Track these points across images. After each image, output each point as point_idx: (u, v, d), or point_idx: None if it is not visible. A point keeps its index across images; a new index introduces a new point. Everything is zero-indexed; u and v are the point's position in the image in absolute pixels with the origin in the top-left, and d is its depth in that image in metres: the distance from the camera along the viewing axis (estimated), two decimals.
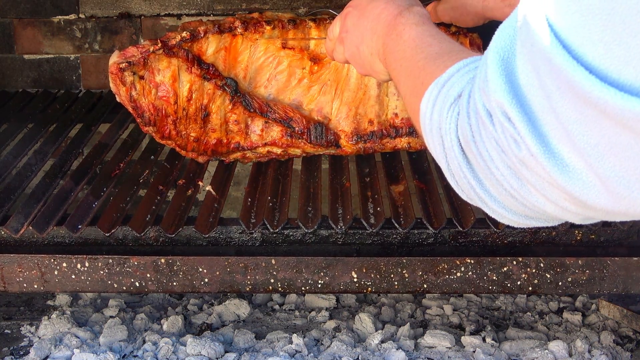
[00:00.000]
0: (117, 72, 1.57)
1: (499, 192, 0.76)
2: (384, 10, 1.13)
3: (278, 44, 1.67)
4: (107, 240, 1.50)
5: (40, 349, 1.60)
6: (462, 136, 0.78)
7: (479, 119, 0.74)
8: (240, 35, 1.65)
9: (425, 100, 0.84)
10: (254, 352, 1.62)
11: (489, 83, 0.72)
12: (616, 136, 0.64)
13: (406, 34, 1.04)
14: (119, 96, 1.60)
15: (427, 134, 0.85)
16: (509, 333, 1.72)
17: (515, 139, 0.70)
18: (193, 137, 1.65)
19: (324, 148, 1.70)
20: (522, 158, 0.70)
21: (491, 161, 0.74)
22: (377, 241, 1.50)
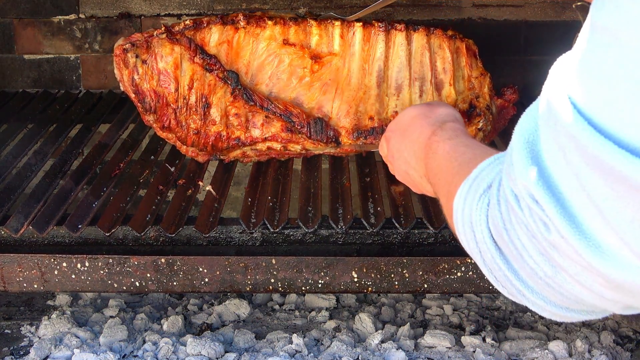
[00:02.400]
0: (121, 53, 1.62)
1: (535, 281, 0.74)
2: (421, 134, 1.14)
3: (280, 41, 1.69)
4: (107, 240, 1.50)
5: (40, 349, 1.60)
6: (492, 226, 0.77)
7: (508, 205, 0.73)
8: (243, 29, 1.68)
9: (457, 197, 0.84)
10: (254, 352, 1.62)
11: (514, 166, 0.71)
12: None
13: (440, 149, 1.05)
14: (121, 82, 1.65)
15: (460, 231, 0.83)
16: (509, 333, 1.72)
17: (545, 221, 0.69)
18: (193, 129, 1.66)
19: (324, 144, 1.68)
20: (552, 241, 0.69)
21: (523, 248, 0.72)
22: (378, 241, 1.50)
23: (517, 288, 0.77)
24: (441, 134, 1.09)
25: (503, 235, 0.74)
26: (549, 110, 0.68)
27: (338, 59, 1.71)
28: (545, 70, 0.75)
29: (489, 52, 2.25)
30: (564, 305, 0.75)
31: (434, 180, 1.04)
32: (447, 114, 1.17)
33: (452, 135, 1.07)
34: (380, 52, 1.71)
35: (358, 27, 1.72)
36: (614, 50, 0.63)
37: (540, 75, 0.76)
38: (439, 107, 1.21)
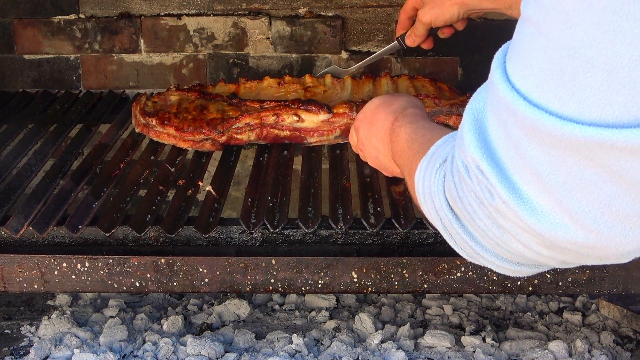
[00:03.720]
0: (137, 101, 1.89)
1: (487, 241, 0.83)
2: (385, 121, 1.25)
3: (275, 85, 1.93)
4: (107, 240, 1.50)
5: (40, 349, 1.60)
6: (449, 195, 0.85)
7: (460, 176, 0.82)
8: (243, 85, 1.94)
9: (417, 172, 0.94)
10: (254, 352, 1.62)
11: (464, 141, 0.80)
12: (581, 172, 0.71)
13: (403, 132, 1.15)
14: (133, 118, 1.87)
15: (422, 202, 0.93)
16: (509, 333, 1.72)
17: (489, 189, 0.77)
18: (190, 118, 1.76)
19: (316, 112, 1.74)
20: (496, 207, 0.77)
21: (474, 213, 0.81)
22: (377, 241, 1.50)
23: (473, 249, 0.86)
24: (402, 119, 1.19)
25: (457, 202, 0.83)
26: (493, 91, 0.77)
27: (330, 91, 1.89)
28: None
29: (489, 52, 2.25)
30: (513, 261, 0.84)
31: (400, 161, 1.13)
32: (407, 101, 1.28)
33: (413, 120, 1.17)
34: (368, 88, 1.93)
35: (347, 77, 1.95)
36: (538, 38, 0.72)
37: None
38: (400, 96, 1.32)
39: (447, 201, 0.86)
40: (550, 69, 0.71)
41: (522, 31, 0.75)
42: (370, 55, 2.02)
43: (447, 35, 1.76)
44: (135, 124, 1.86)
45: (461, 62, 2.26)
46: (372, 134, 1.31)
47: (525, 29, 0.75)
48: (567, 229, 0.74)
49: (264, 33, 2.23)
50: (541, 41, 0.72)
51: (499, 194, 0.76)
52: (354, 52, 2.25)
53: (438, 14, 1.68)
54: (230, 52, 2.26)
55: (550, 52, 0.71)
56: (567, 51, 0.69)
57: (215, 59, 2.26)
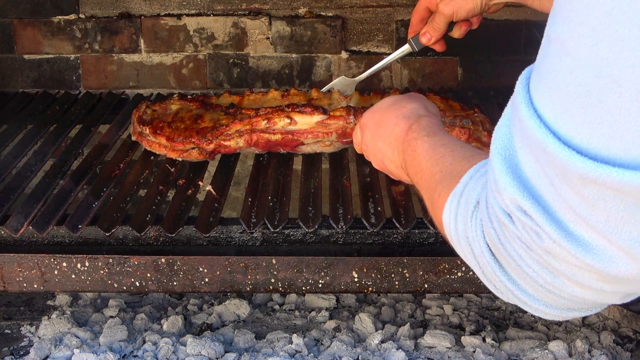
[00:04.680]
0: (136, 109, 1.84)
1: (536, 289, 0.77)
2: (395, 126, 1.17)
3: (279, 97, 1.85)
4: (107, 240, 1.49)
5: (40, 349, 1.60)
6: (489, 241, 0.80)
7: (499, 222, 0.76)
8: (247, 97, 1.87)
9: (446, 212, 0.87)
10: (254, 352, 1.62)
11: (499, 183, 0.75)
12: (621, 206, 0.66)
13: (419, 147, 1.07)
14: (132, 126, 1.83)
15: (455, 244, 0.87)
16: (509, 333, 1.72)
17: (536, 230, 0.72)
18: (182, 127, 1.72)
19: (310, 115, 1.68)
20: (546, 248, 0.72)
21: (521, 259, 0.75)
22: (378, 241, 1.50)
23: (518, 297, 0.80)
24: (418, 130, 1.11)
25: (500, 249, 0.78)
26: (520, 125, 0.72)
27: (334, 105, 1.80)
28: None
29: (489, 52, 2.25)
30: (564, 307, 0.78)
31: (415, 178, 1.07)
32: (421, 106, 1.20)
33: (430, 132, 1.09)
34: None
35: (355, 93, 1.86)
36: (564, 59, 0.67)
37: None
38: (414, 99, 1.23)
39: (488, 247, 0.80)
40: (577, 92, 0.66)
41: (548, 53, 0.70)
42: (372, 54, 2.00)
43: (463, 33, 1.68)
44: (132, 131, 1.82)
45: (461, 62, 2.26)
46: (379, 136, 1.24)
47: (551, 50, 0.70)
48: (625, 263, 0.69)
49: (264, 33, 2.24)
50: (567, 62, 0.67)
51: (547, 234, 0.71)
52: (354, 52, 2.25)
53: (461, 4, 1.60)
54: (230, 52, 2.26)
55: (577, 72, 0.66)
56: (593, 71, 0.65)
57: (215, 59, 2.26)
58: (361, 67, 2.25)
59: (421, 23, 1.71)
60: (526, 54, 2.23)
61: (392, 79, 2.26)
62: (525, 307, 0.81)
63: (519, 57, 2.24)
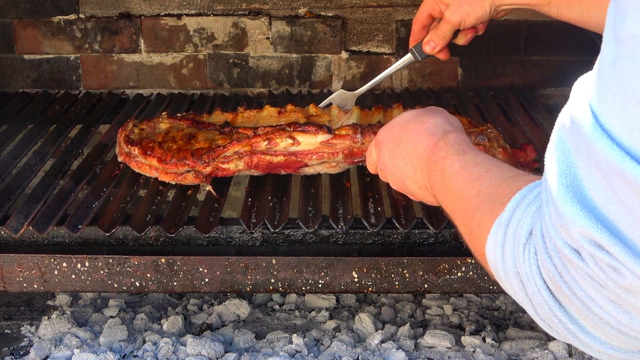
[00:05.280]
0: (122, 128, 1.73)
1: (605, 331, 0.69)
2: (418, 143, 1.06)
3: (276, 115, 1.76)
4: (107, 240, 1.49)
5: (40, 349, 1.60)
6: (548, 278, 0.71)
7: (563, 258, 0.68)
8: (241, 114, 1.78)
9: (490, 244, 0.78)
10: (254, 352, 1.62)
11: (565, 216, 0.66)
12: None
13: (449, 167, 0.97)
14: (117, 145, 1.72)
15: (503, 280, 0.78)
16: (509, 333, 1.72)
17: (614, 267, 0.64)
18: (175, 148, 1.62)
19: (314, 133, 1.59)
20: (628, 286, 0.64)
21: (590, 300, 0.67)
22: (378, 241, 1.50)
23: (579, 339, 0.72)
24: (446, 148, 1.00)
25: (562, 288, 0.69)
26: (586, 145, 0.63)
27: (334, 122, 1.72)
28: (545, 70, 0.72)
29: (489, 52, 2.25)
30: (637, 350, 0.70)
31: (445, 202, 0.97)
32: (446, 121, 1.09)
33: (459, 151, 0.98)
34: (377, 121, 1.74)
35: (355, 108, 1.76)
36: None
37: (541, 75, 0.73)
38: (436, 113, 1.13)
39: (545, 285, 0.71)
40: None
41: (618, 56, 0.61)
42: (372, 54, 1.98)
43: (468, 40, 1.59)
44: (118, 152, 1.70)
45: (461, 62, 2.26)
46: (398, 154, 1.12)
47: (623, 52, 0.60)
48: None
49: (264, 33, 2.24)
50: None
51: (631, 270, 0.62)
52: (354, 52, 2.25)
53: (470, 12, 1.49)
54: (230, 52, 2.26)
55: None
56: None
57: (215, 59, 2.26)
58: (361, 67, 2.25)
59: (423, 31, 1.61)
60: (526, 54, 2.23)
61: (392, 79, 2.26)
62: (587, 349, 0.73)
63: (519, 57, 2.24)
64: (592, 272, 0.65)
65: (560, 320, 0.71)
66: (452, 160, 0.97)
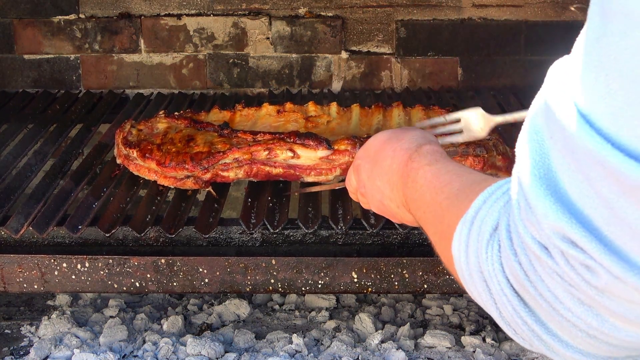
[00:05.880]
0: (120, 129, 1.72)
1: (572, 334, 0.63)
2: (394, 160, 1.03)
3: (274, 114, 1.75)
4: (107, 240, 1.50)
5: (40, 349, 1.60)
6: (512, 276, 0.66)
7: (530, 255, 0.63)
8: (239, 112, 1.77)
9: (456, 243, 0.73)
10: (254, 352, 1.62)
11: (536, 210, 0.61)
12: None
13: (420, 178, 0.93)
14: (116, 147, 1.71)
15: (467, 281, 0.73)
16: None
17: (589, 265, 0.58)
18: (174, 151, 1.61)
19: (314, 148, 1.58)
20: (603, 287, 0.59)
21: (557, 302, 0.62)
22: (378, 241, 1.50)
23: (545, 342, 0.67)
24: (419, 159, 0.97)
25: (527, 287, 0.64)
26: (563, 134, 0.58)
27: (334, 122, 1.71)
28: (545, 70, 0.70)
29: (488, 52, 2.25)
30: (606, 356, 0.65)
31: (418, 214, 0.93)
32: (421, 136, 1.06)
33: (432, 160, 0.95)
34: (377, 120, 1.75)
35: (355, 106, 1.77)
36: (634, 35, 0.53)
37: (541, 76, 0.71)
38: (411, 130, 1.10)
39: (509, 284, 0.66)
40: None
41: (604, 33, 0.56)
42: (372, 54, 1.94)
43: None
44: (117, 154, 1.69)
45: (461, 62, 2.26)
46: (376, 174, 1.09)
47: (609, 29, 0.55)
48: None
49: (264, 33, 2.24)
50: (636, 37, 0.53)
51: (606, 269, 0.57)
52: (354, 52, 2.25)
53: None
54: (230, 52, 2.26)
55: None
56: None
57: (215, 59, 2.27)
58: (361, 67, 2.25)
59: None
60: (526, 54, 2.23)
61: (392, 79, 2.26)
62: (553, 354, 0.67)
63: (519, 57, 2.24)
64: (562, 272, 0.60)
65: (525, 321, 0.66)
66: (424, 170, 0.94)
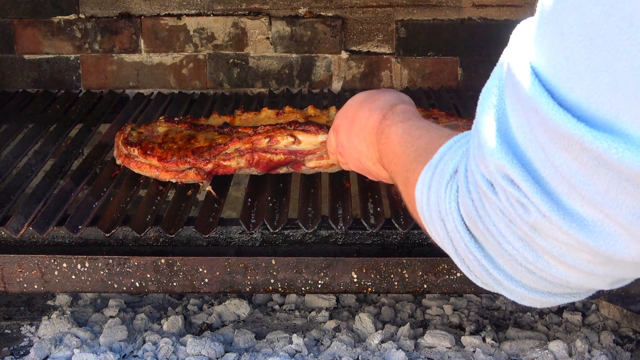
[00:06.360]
0: (120, 131, 1.72)
1: (514, 268, 0.69)
2: (369, 119, 1.09)
3: (273, 116, 1.77)
4: (107, 240, 1.50)
5: (40, 349, 1.60)
6: (465, 213, 0.71)
7: (480, 192, 0.68)
8: (238, 116, 1.78)
9: (420, 185, 0.78)
10: (254, 352, 1.62)
11: (484, 148, 0.66)
12: (624, 179, 0.58)
13: (393, 133, 0.99)
14: (116, 148, 1.71)
15: (427, 221, 0.77)
16: (509, 333, 1.72)
17: (523, 202, 0.63)
18: (175, 147, 1.62)
19: (315, 134, 1.59)
20: (533, 223, 0.63)
21: (500, 235, 0.67)
22: (377, 241, 1.50)
23: (493, 277, 0.72)
24: (392, 117, 1.03)
25: (477, 223, 0.69)
26: (512, 81, 0.63)
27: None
28: None
29: (488, 52, 2.25)
30: (545, 291, 0.70)
31: (390, 167, 0.98)
32: (395, 96, 1.13)
33: (404, 118, 1.01)
34: None
35: None
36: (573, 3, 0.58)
37: None
38: (387, 91, 1.16)
39: (462, 221, 0.71)
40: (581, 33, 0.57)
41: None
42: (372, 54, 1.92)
43: None
44: (117, 154, 1.69)
45: (461, 62, 2.26)
46: (354, 134, 1.15)
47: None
48: (623, 242, 0.60)
49: (264, 33, 2.24)
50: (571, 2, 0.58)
51: (537, 207, 0.62)
52: (354, 52, 2.25)
53: None
54: (230, 52, 2.26)
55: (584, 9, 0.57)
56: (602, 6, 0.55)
57: (215, 59, 2.27)
58: (361, 67, 2.25)
59: None
60: None
61: (392, 79, 2.26)
62: (502, 289, 0.73)
63: None
64: (503, 207, 0.65)
65: (476, 256, 0.72)
66: (396, 127, 0.99)
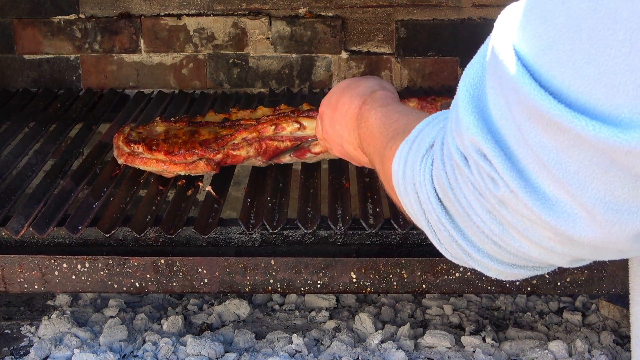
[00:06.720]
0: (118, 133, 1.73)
1: (482, 240, 0.72)
2: (350, 105, 1.13)
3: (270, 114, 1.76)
4: (107, 241, 1.50)
5: (40, 349, 1.61)
6: (438, 185, 0.73)
7: (453, 164, 0.70)
8: (235, 114, 1.78)
9: (396, 159, 0.80)
10: (254, 352, 1.62)
11: (461, 122, 0.68)
12: (595, 159, 0.60)
13: (372, 117, 1.02)
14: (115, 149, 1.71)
15: (402, 194, 0.80)
16: (509, 333, 1.72)
17: (493, 177, 0.66)
18: (181, 142, 1.64)
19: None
20: (501, 197, 0.66)
21: (470, 207, 0.70)
22: (376, 242, 1.51)
23: (462, 248, 0.75)
24: (372, 102, 1.06)
25: (448, 194, 0.72)
26: (495, 63, 0.65)
27: None
28: None
29: None
30: (510, 263, 0.73)
31: (368, 149, 1.01)
32: (376, 83, 1.16)
33: (383, 103, 1.04)
34: None
35: None
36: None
37: None
38: (368, 78, 1.20)
39: (435, 193, 0.74)
40: (567, 25, 0.59)
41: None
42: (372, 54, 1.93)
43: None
44: (117, 155, 1.69)
45: (461, 62, 2.26)
46: (336, 120, 1.19)
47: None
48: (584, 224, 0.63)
49: (264, 33, 2.24)
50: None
51: (505, 182, 0.65)
52: (354, 52, 2.25)
53: None
54: (230, 52, 2.26)
55: (570, 2, 0.59)
56: (589, 1, 0.58)
57: (215, 59, 2.27)
58: (361, 67, 2.25)
59: None
60: None
61: (392, 79, 2.26)
62: (470, 261, 0.76)
63: None
64: (475, 180, 0.68)
65: (446, 227, 0.74)
66: (375, 111, 1.02)
